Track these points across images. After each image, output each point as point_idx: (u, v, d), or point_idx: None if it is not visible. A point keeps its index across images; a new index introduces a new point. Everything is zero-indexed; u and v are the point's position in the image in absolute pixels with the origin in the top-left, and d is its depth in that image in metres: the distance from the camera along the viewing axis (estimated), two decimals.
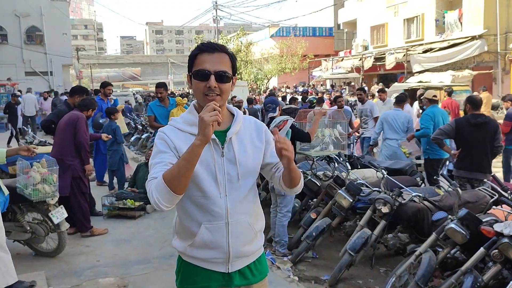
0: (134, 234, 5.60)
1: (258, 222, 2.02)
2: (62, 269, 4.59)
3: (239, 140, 1.94)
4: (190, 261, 1.95)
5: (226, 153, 1.89)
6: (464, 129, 5.28)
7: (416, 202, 4.36)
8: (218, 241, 1.88)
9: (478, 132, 5.21)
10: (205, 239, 1.88)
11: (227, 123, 1.96)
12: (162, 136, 1.89)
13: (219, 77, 1.85)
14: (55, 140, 5.59)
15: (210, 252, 1.90)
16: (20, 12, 32.98)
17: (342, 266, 4.21)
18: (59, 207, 4.68)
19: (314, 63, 28.92)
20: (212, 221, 1.87)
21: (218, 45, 1.90)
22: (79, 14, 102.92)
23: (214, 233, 1.88)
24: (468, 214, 3.57)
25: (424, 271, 3.59)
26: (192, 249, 1.92)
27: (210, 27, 63.00)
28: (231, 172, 1.89)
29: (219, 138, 1.89)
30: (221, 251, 1.89)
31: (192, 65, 1.91)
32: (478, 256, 3.43)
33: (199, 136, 1.67)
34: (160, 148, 1.86)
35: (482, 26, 18.65)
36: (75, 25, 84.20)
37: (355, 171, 5.89)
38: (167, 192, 1.69)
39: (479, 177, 5.13)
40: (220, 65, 1.86)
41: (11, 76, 28.85)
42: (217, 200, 1.86)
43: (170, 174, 1.69)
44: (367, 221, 4.49)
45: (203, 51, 1.88)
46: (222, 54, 1.89)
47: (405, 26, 23.73)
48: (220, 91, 1.85)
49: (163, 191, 1.69)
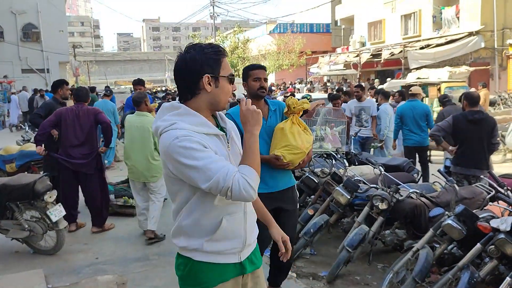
0: (133, 231, 5.61)
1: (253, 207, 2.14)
2: (60, 267, 4.59)
3: (234, 134, 2.07)
4: (204, 259, 1.92)
5: (231, 146, 1.99)
6: (461, 125, 5.29)
7: (413, 199, 4.38)
8: (238, 231, 1.95)
9: (475, 128, 5.22)
10: (227, 231, 1.91)
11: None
12: (189, 139, 1.79)
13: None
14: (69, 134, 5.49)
15: (228, 243, 1.93)
16: (16, 9, 32.85)
17: (339, 262, 4.23)
18: (57, 205, 4.69)
19: (311, 60, 28.89)
20: (233, 213, 1.93)
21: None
22: (76, 11, 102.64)
23: (234, 224, 1.93)
24: (465, 210, 3.59)
25: (421, 267, 3.61)
26: (211, 243, 1.90)
27: (207, 24, 62.91)
28: (237, 163, 1.93)
29: None
30: (239, 241, 1.95)
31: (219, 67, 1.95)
32: (475, 252, 3.46)
33: (257, 126, 1.89)
34: (198, 147, 1.78)
35: (479, 22, 18.68)
36: (71, 22, 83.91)
37: (352, 167, 5.91)
38: (257, 178, 1.80)
39: (477, 174, 5.14)
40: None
41: (8, 74, 28.77)
42: None
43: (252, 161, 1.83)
44: (364, 217, 4.51)
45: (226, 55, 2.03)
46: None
47: (403, 22, 23.75)
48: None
49: (256, 178, 1.80)
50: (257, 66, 3.44)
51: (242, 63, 27.68)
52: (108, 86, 21.03)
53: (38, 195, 4.56)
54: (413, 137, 7.34)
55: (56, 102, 6.01)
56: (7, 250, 5.02)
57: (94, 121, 5.51)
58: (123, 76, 62.95)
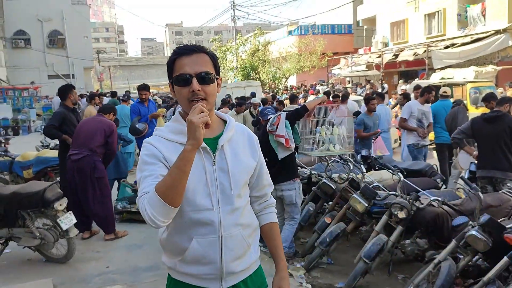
0: (146, 239, 5.52)
1: (253, 234, 1.89)
2: (71, 276, 4.53)
3: (232, 147, 1.82)
4: (181, 279, 1.82)
5: (217, 161, 1.76)
6: (478, 125, 5.19)
7: (435, 207, 4.14)
8: (211, 256, 1.75)
9: (491, 127, 5.07)
10: (196, 254, 1.75)
11: (217, 130, 1.83)
12: (148, 147, 1.74)
13: (201, 79, 1.71)
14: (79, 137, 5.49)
15: (202, 268, 1.77)
16: (42, 17, 33.71)
17: (356, 274, 4.02)
18: (68, 213, 4.63)
19: (333, 61, 28.52)
20: (204, 235, 1.74)
21: (195, 46, 1.77)
22: (101, 17, 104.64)
23: (206, 247, 1.74)
24: (490, 220, 3.35)
25: (443, 281, 3.39)
26: (182, 265, 1.79)
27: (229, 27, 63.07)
28: (224, 182, 1.76)
29: (210, 146, 1.76)
30: (213, 267, 1.76)
31: (172, 72, 1.77)
32: (502, 266, 3.22)
33: (190, 141, 1.54)
34: (148, 160, 1.71)
35: (506, 19, 18.06)
36: (96, 28, 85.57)
37: (372, 173, 5.69)
38: (162, 206, 1.55)
39: (497, 175, 4.98)
40: (201, 66, 1.73)
41: (35, 80, 29.45)
42: (210, 213, 1.73)
43: (163, 186, 1.56)
44: (383, 226, 4.29)
45: (180, 55, 1.75)
46: (201, 55, 1.76)
47: (426, 21, 23.19)
48: (205, 94, 1.71)
49: (158, 205, 1.55)
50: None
51: (263, 65, 27.50)
52: (128, 91, 21.22)
53: (48, 203, 4.51)
54: (445, 135, 7.43)
55: (67, 110, 5.97)
56: (20, 258, 4.99)
57: (103, 134, 5.48)
58: (147, 80, 63.49)
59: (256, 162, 1.89)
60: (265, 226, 2.01)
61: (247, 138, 1.91)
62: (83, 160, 5.32)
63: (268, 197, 2.03)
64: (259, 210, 2.00)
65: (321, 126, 5.35)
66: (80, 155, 5.33)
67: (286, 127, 4.73)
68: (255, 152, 1.90)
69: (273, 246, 2.02)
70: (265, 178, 1.98)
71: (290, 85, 28.70)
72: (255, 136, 1.96)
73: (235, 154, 1.81)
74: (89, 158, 5.34)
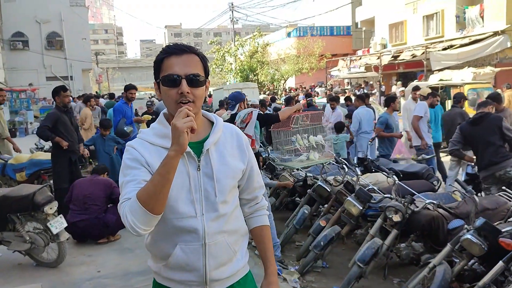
0: (138, 243, 5.43)
1: (239, 240, 1.82)
2: (61, 280, 4.46)
3: (218, 151, 1.74)
4: (165, 284, 1.76)
5: (202, 166, 1.69)
6: (467, 130, 5.31)
7: (430, 210, 4.07)
8: (194, 263, 1.69)
9: (480, 128, 5.19)
10: (179, 261, 1.69)
11: (203, 133, 1.74)
12: (131, 151, 1.67)
13: (190, 81, 1.63)
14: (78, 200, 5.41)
15: (186, 275, 1.71)
16: (40, 19, 33.65)
17: (351, 279, 3.95)
18: (58, 217, 4.56)
19: (332, 63, 28.50)
20: (188, 242, 1.68)
21: (186, 46, 1.70)
22: (100, 19, 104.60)
23: (190, 255, 1.68)
24: (485, 224, 3.29)
25: (438, 286, 3.33)
26: (167, 270, 1.73)
27: (228, 29, 63.07)
28: (208, 188, 1.68)
29: (194, 150, 1.68)
30: (196, 274, 1.70)
31: (159, 71, 1.69)
32: (497, 270, 3.16)
33: (174, 146, 1.47)
34: (130, 164, 1.64)
35: (504, 21, 18.05)
36: (95, 30, 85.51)
37: (368, 175, 5.63)
38: (143, 214, 1.49)
39: (496, 169, 5.03)
40: (190, 67, 1.65)
41: (33, 81, 29.41)
42: (193, 220, 1.67)
43: (145, 193, 1.49)
44: (378, 230, 4.23)
45: (170, 54, 1.67)
46: (192, 56, 1.68)
47: (425, 23, 23.20)
48: (193, 97, 1.64)
49: (139, 212, 1.49)
50: None
51: (261, 67, 27.46)
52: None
53: (38, 207, 4.44)
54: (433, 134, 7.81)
55: (60, 111, 5.91)
56: (10, 263, 4.92)
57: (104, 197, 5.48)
58: (146, 82, 63.53)
59: (245, 165, 1.81)
60: (255, 229, 1.94)
61: (236, 139, 1.82)
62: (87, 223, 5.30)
63: (259, 199, 1.95)
64: (250, 213, 1.93)
65: (296, 135, 5.27)
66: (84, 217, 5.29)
67: (255, 127, 4.67)
68: (244, 153, 1.82)
69: (262, 250, 1.94)
70: (256, 180, 1.90)
71: (288, 87, 28.66)
72: (245, 136, 1.88)
73: (222, 157, 1.74)
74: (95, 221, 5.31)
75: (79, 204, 5.28)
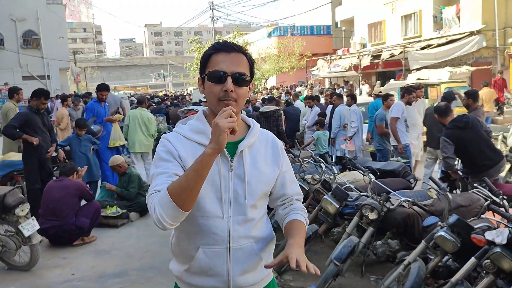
0: (115, 244, 5.37)
1: (266, 248, 1.77)
2: (34, 284, 4.36)
3: (252, 154, 1.71)
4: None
5: (235, 167, 1.66)
6: (456, 135, 5.17)
7: (406, 207, 4.11)
8: (217, 268, 1.65)
9: (470, 132, 5.12)
10: (202, 265, 1.65)
11: (239, 135, 1.70)
12: (165, 143, 1.67)
13: (236, 79, 1.62)
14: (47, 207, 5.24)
15: (208, 280, 1.68)
16: (16, 17, 32.92)
17: (327, 277, 3.95)
18: (30, 219, 4.45)
19: (312, 62, 28.64)
20: (211, 245, 1.64)
21: (235, 45, 1.68)
22: (78, 17, 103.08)
23: (213, 258, 1.65)
24: (458, 220, 3.32)
25: (413, 283, 3.35)
26: (188, 275, 1.70)
27: (209, 28, 62.82)
28: (238, 190, 1.66)
29: (228, 150, 1.65)
30: (219, 280, 1.67)
31: (205, 66, 1.67)
32: (470, 267, 3.19)
33: (212, 144, 1.45)
34: (163, 157, 1.63)
35: (480, 21, 18.41)
36: (73, 28, 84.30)
37: (346, 173, 5.66)
38: (172, 208, 1.46)
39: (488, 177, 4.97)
40: (237, 66, 1.63)
41: (8, 81, 28.74)
42: (219, 221, 1.64)
43: (177, 187, 1.46)
44: (354, 227, 4.24)
45: (219, 50, 1.65)
46: (240, 55, 1.67)
47: (403, 23, 23.50)
48: (236, 96, 1.63)
49: (168, 206, 1.46)
50: None
51: None
52: None
53: (9, 209, 4.34)
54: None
55: (31, 111, 5.80)
56: None
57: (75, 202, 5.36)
58: (125, 81, 62.97)
59: (278, 172, 1.78)
60: (288, 223, 1.80)
61: (271, 145, 1.80)
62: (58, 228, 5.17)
63: (293, 201, 1.87)
64: (285, 214, 1.85)
65: None
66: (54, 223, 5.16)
67: None
68: (279, 160, 1.78)
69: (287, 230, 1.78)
70: (290, 187, 1.84)
71: (270, 86, 28.66)
72: (280, 143, 1.85)
73: (255, 162, 1.71)
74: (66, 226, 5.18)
75: (48, 210, 5.14)
